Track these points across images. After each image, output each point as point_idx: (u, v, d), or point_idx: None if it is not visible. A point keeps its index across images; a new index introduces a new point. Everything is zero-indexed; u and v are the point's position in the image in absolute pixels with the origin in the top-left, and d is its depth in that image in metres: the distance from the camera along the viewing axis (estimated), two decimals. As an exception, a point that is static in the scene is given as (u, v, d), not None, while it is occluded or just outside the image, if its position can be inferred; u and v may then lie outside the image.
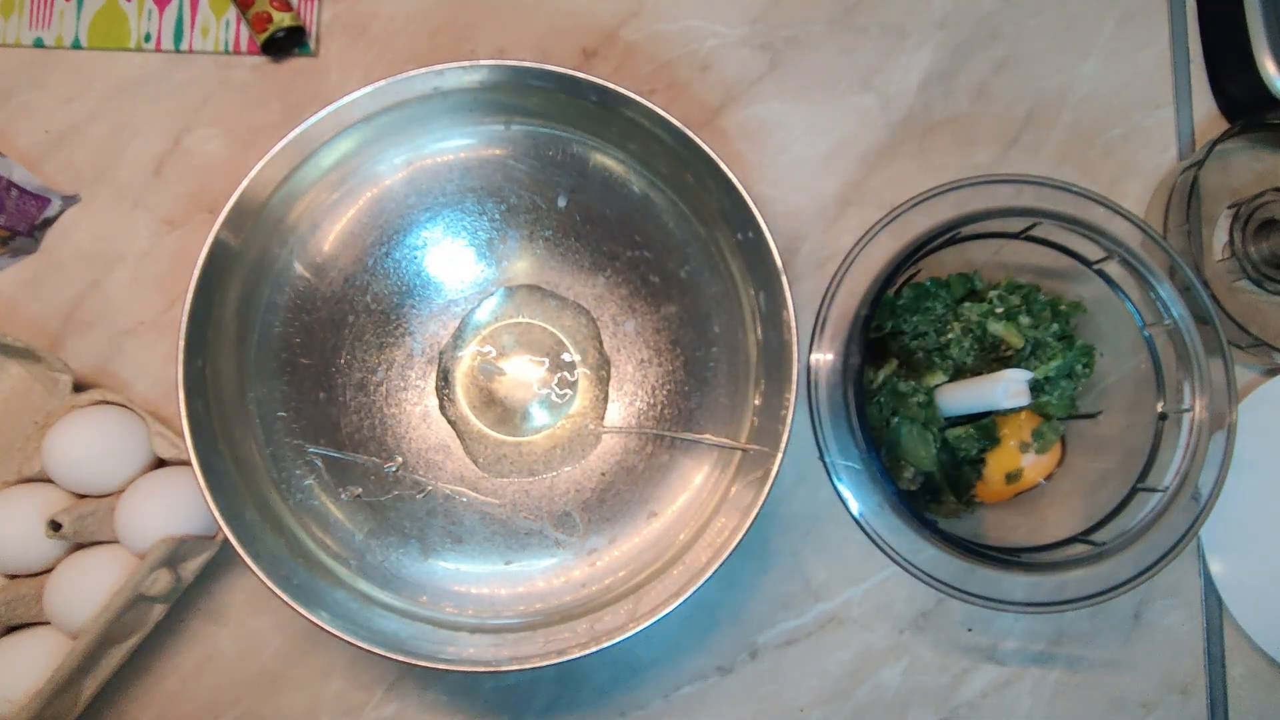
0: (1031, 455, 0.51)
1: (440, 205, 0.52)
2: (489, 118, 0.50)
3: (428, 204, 0.52)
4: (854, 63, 0.58)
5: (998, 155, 0.57)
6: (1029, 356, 0.52)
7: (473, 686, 0.53)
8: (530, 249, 0.53)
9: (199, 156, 0.56)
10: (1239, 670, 0.54)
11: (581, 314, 0.53)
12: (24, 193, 0.54)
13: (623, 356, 0.53)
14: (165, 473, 0.50)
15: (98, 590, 0.47)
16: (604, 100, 0.47)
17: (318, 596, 0.45)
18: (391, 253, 0.52)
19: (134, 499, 0.49)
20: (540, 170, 0.52)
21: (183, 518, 0.48)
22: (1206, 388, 0.47)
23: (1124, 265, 0.48)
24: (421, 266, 0.52)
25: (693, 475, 0.51)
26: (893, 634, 0.54)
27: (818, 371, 0.47)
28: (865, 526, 0.45)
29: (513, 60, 0.46)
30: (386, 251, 0.52)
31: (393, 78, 0.46)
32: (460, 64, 0.46)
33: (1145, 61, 0.59)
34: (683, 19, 0.58)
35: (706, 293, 0.51)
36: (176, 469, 0.51)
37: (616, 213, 0.52)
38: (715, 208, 0.49)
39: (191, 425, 0.44)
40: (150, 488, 0.49)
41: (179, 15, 0.57)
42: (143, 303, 0.55)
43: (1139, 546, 0.45)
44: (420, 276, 0.52)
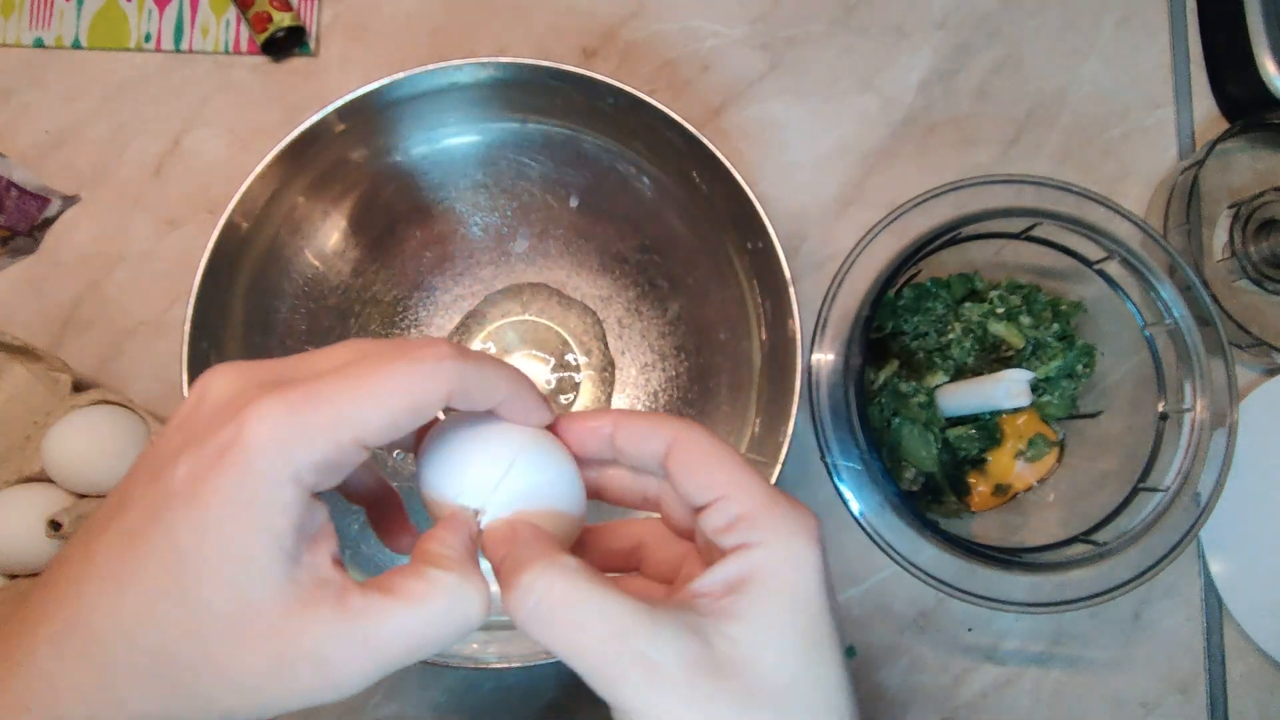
0: (1022, 463, 0.51)
1: (452, 199, 0.52)
2: (504, 115, 0.50)
3: (440, 197, 0.52)
4: (854, 63, 0.58)
5: (998, 155, 0.58)
6: (1030, 356, 0.52)
7: (473, 686, 0.53)
8: (540, 247, 0.53)
9: (199, 156, 0.56)
10: (1239, 670, 0.54)
11: (588, 314, 0.53)
12: (24, 193, 0.54)
13: (627, 359, 0.53)
14: (165, 473, 0.50)
15: (98, 590, 0.47)
16: (620, 103, 0.47)
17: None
18: (400, 246, 0.52)
19: (134, 499, 0.49)
20: (554, 169, 0.52)
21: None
22: (1207, 387, 0.47)
23: (1124, 265, 0.48)
24: (429, 261, 0.52)
25: (693, 475, 0.51)
26: (893, 634, 0.54)
27: (819, 372, 0.47)
28: (866, 526, 0.45)
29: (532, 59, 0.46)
30: (395, 245, 0.52)
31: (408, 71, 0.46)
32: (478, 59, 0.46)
33: (1145, 61, 0.59)
34: (683, 19, 0.58)
35: (713, 299, 0.51)
36: (177, 469, 0.51)
37: (627, 215, 0.52)
38: (725, 215, 0.49)
39: None
40: (150, 488, 0.49)
41: (179, 15, 0.57)
42: (143, 303, 0.55)
43: (1139, 546, 0.45)
44: (428, 271, 0.52)
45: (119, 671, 0.22)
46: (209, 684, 0.22)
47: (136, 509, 0.23)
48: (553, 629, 0.23)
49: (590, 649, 0.22)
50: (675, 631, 0.23)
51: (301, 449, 0.22)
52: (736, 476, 0.26)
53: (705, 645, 0.23)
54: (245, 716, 0.23)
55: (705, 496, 0.26)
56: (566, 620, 0.23)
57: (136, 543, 0.22)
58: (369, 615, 0.23)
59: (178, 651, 0.22)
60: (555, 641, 0.23)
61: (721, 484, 0.26)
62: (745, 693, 0.23)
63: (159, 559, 0.22)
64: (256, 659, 0.22)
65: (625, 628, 0.22)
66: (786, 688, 0.23)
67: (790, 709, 0.23)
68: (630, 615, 0.23)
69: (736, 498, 0.25)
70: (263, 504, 0.22)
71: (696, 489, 0.26)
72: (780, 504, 0.26)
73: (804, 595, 0.24)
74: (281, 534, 0.22)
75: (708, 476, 0.26)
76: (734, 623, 0.23)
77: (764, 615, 0.24)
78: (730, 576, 0.24)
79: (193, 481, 0.22)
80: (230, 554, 0.22)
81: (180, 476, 0.22)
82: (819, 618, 0.24)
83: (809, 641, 0.24)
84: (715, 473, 0.26)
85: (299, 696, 0.22)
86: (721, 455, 0.26)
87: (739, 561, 0.24)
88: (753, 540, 0.25)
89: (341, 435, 0.22)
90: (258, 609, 0.22)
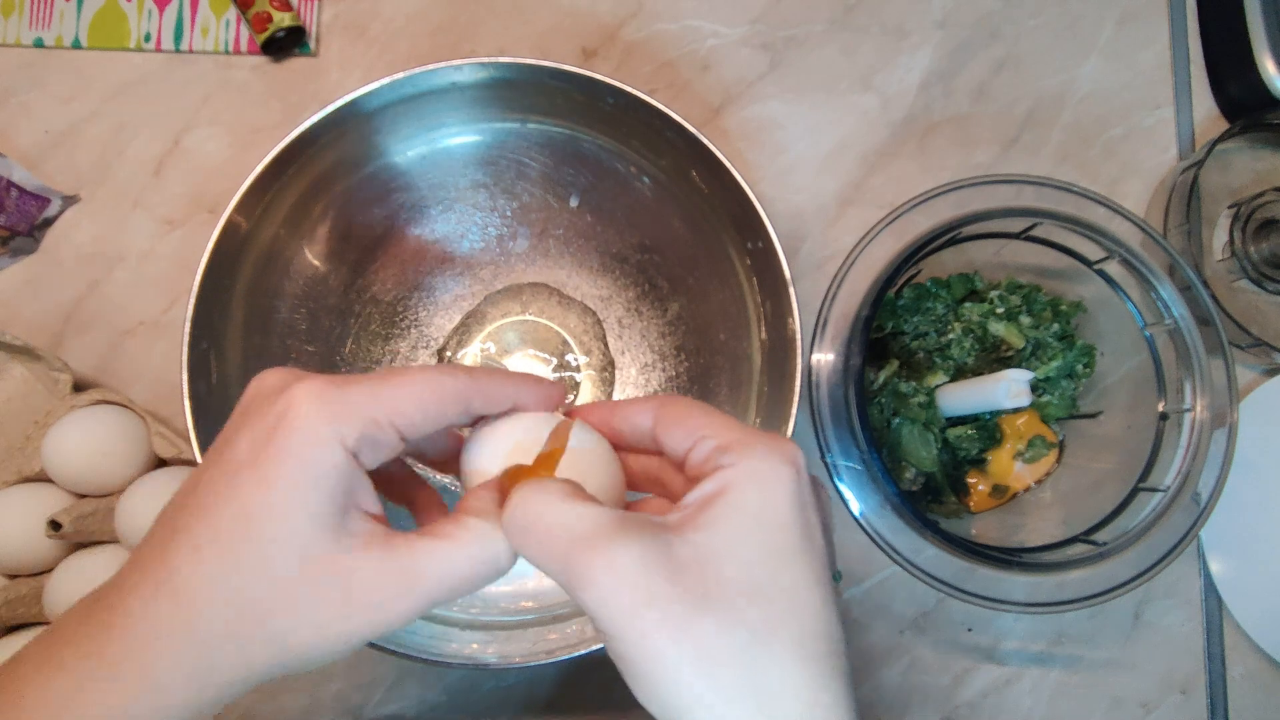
0: (1021, 464, 0.51)
1: (453, 199, 0.52)
2: (504, 115, 0.50)
3: (440, 197, 0.52)
4: (854, 63, 0.58)
5: (998, 155, 0.58)
6: (1030, 356, 0.52)
7: (473, 686, 0.53)
8: (540, 247, 0.53)
9: (199, 156, 0.56)
10: (1239, 670, 0.54)
11: (588, 314, 0.53)
12: (24, 193, 0.54)
13: (627, 359, 0.53)
14: (165, 473, 0.50)
15: (98, 590, 0.47)
16: (620, 103, 0.47)
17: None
18: (402, 244, 0.52)
19: (134, 499, 0.49)
20: (554, 169, 0.52)
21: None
22: (1207, 388, 0.47)
23: (1124, 265, 0.48)
24: (430, 260, 0.52)
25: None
26: (893, 634, 0.54)
27: (819, 372, 0.47)
28: (866, 526, 0.45)
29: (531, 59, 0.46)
30: (397, 243, 0.52)
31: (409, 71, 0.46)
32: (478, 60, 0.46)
33: (1145, 61, 0.59)
34: (683, 19, 0.58)
35: (713, 299, 0.51)
36: (176, 469, 0.51)
37: (627, 215, 0.52)
38: (725, 215, 0.49)
39: (194, 406, 0.44)
40: (150, 488, 0.49)
41: (179, 15, 0.57)
42: (143, 303, 0.55)
43: (1139, 546, 0.45)
44: (428, 271, 0.52)
45: (204, 624, 0.24)
46: (282, 624, 0.25)
47: (207, 484, 0.26)
48: (527, 536, 0.25)
49: (557, 553, 0.24)
50: (639, 537, 0.24)
51: (343, 417, 0.25)
52: (713, 418, 0.28)
53: (665, 550, 0.24)
54: (315, 655, 0.25)
55: (687, 442, 0.27)
56: (540, 527, 0.25)
57: (210, 511, 0.25)
58: (413, 554, 0.26)
59: (253, 596, 0.25)
60: (529, 548, 0.25)
61: (700, 426, 0.27)
62: (701, 594, 0.23)
63: (231, 520, 0.25)
64: (320, 595, 0.25)
65: (589, 532, 0.24)
66: (745, 592, 0.24)
67: (746, 612, 0.23)
68: (596, 521, 0.24)
69: (714, 434, 0.27)
70: (314, 463, 0.25)
71: (679, 439, 0.28)
72: (756, 434, 0.27)
73: (772, 509, 0.25)
74: (333, 488, 0.25)
75: (687, 424, 0.28)
76: (697, 532, 0.25)
77: (727, 525, 0.25)
78: (703, 494, 0.26)
79: (253, 452, 0.25)
80: (291, 506, 0.25)
81: (242, 449, 0.25)
82: (788, 531, 0.25)
83: (774, 553, 0.25)
84: (693, 419, 0.28)
85: (356, 631, 0.25)
86: (698, 406, 0.28)
87: (712, 482, 0.26)
88: (725, 463, 0.26)
89: (377, 412, 0.26)
90: (318, 552, 0.25)
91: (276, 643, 0.25)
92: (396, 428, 0.26)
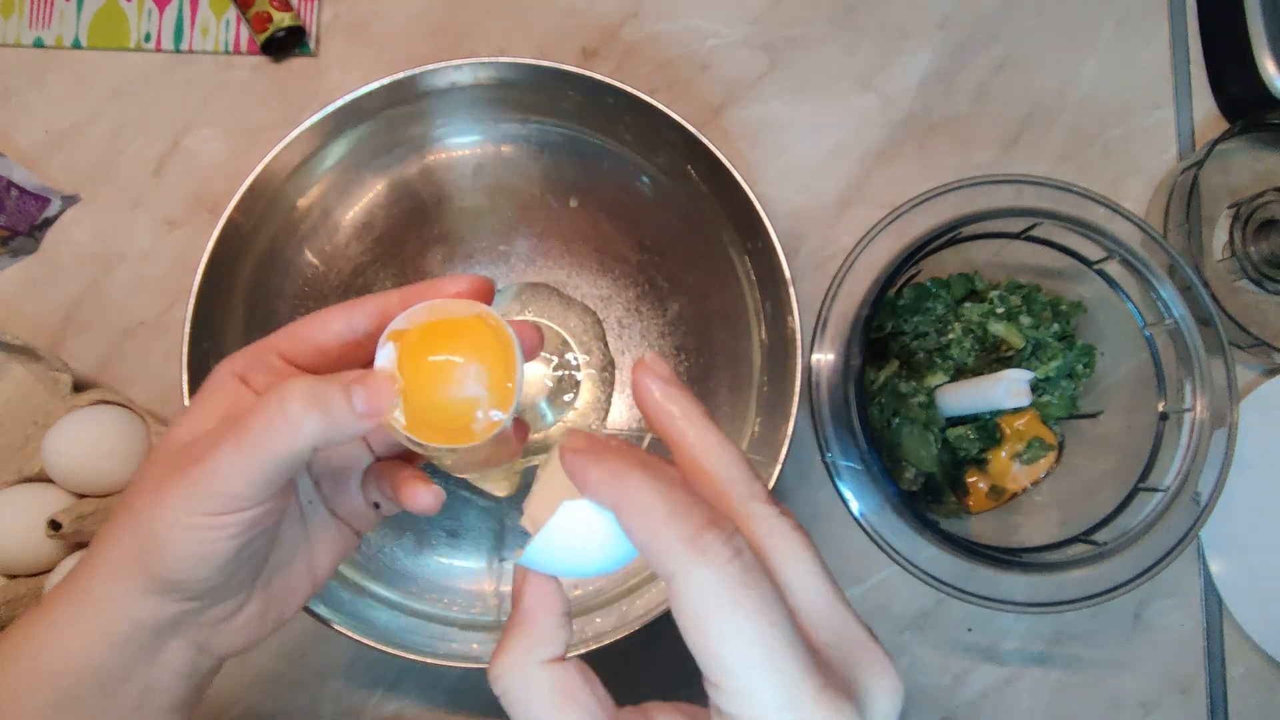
0: (1018, 465, 0.51)
1: (452, 200, 0.52)
2: (504, 115, 0.50)
3: (440, 197, 0.52)
4: (854, 63, 0.58)
5: (998, 155, 0.58)
6: (1030, 356, 0.52)
7: (473, 686, 0.53)
8: (540, 247, 0.53)
9: (199, 156, 0.56)
10: (1239, 670, 0.54)
11: (588, 314, 0.53)
12: (24, 193, 0.54)
13: (627, 359, 0.53)
14: (165, 473, 0.50)
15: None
16: (620, 103, 0.47)
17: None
18: (402, 244, 0.52)
19: (134, 499, 0.49)
20: (554, 169, 0.52)
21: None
22: (1207, 388, 0.47)
23: (1124, 265, 0.48)
24: (430, 260, 0.52)
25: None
26: (893, 634, 0.54)
27: (819, 372, 0.47)
28: (866, 526, 0.45)
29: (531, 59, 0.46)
30: (397, 242, 0.52)
31: (409, 71, 0.46)
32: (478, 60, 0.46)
33: (1145, 61, 0.59)
34: (683, 19, 0.58)
35: (713, 299, 0.51)
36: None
37: (627, 215, 0.52)
38: (725, 215, 0.49)
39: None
40: (150, 488, 0.49)
41: (179, 15, 0.57)
42: (143, 303, 0.55)
43: (1139, 546, 0.45)
44: (428, 270, 0.52)
45: (118, 550, 0.30)
46: (149, 515, 0.29)
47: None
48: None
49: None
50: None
51: (238, 358, 0.32)
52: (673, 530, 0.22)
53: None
54: (185, 541, 0.28)
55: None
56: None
57: (155, 449, 0.32)
58: (241, 420, 0.28)
59: (143, 507, 0.29)
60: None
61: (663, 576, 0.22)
62: None
63: (154, 455, 0.31)
64: (175, 475, 0.28)
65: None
66: None
67: None
68: None
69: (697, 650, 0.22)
70: (206, 391, 0.32)
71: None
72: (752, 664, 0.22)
73: None
74: (215, 404, 0.31)
75: (647, 548, 0.23)
76: None
77: None
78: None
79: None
80: (183, 417, 0.31)
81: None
82: None
83: None
84: (655, 540, 0.22)
85: (197, 495, 0.28)
86: (661, 506, 0.22)
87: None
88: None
89: (261, 349, 0.32)
90: (182, 446, 0.30)
91: (137, 528, 0.29)
92: (279, 351, 0.31)
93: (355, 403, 0.27)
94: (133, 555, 0.29)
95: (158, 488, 0.28)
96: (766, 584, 0.22)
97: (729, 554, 0.22)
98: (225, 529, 0.28)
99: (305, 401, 0.27)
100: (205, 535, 0.28)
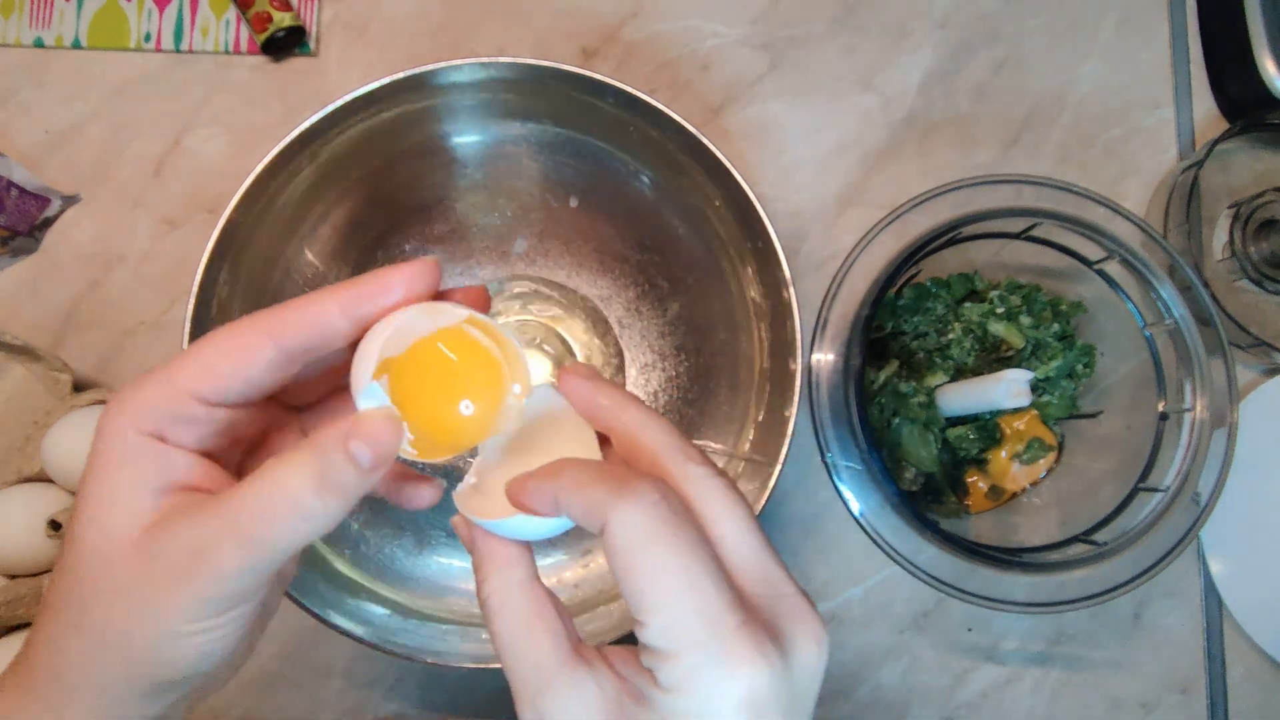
0: (1017, 465, 0.51)
1: (452, 200, 0.52)
2: (504, 115, 0.50)
3: (440, 198, 0.52)
4: (854, 63, 0.58)
5: (998, 155, 0.58)
6: (1030, 356, 0.52)
7: (473, 686, 0.53)
8: (540, 247, 0.53)
9: (199, 156, 0.56)
10: (1239, 670, 0.54)
11: (588, 315, 0.53)
12: (24, 193, 0.54)
13: (627, 359, 0.53)
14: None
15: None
16: (620, 103, 0.47)
17: (309, 586, 0.45)
18: (402, 245, 0.52)
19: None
20: (554, 169, 0.52)
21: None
22: (1207, 387, 0.47)
23: (1124, 265, 0.48)
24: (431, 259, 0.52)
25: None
26: (893, 634, 0.54)
27: (819, 372, 0.47)
28: (866, 526, 0.45)
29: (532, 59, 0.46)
30: (397, 243, 0.52)
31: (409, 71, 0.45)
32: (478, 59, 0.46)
33: (1145, 61, 0.59)
34: (683, 19, 0.58)
35: (713, 300, 0.51)
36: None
37: (627, 215, 0.52)
38: (725, 215, 0.49)
39: None
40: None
41: (179, 15, 0.57)
42: (143, 303, 0.55)
43: (1139, 546, 0.45)
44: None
45: (74, 655, 0.25)
46: (121, 624, 0.24)
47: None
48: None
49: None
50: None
51: (137, 411, 0.25)
52: (591, 489, 0.24)
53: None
54: (171, 644, 0.25)
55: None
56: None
57: (66, 547, 0.26)
58: (227, 501, 0.24)
59: (97, 610, 0.25)
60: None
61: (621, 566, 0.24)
62: None
63: (72, 534, 0.25)
64: (146, 578, 0.24)
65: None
66: None
67: None
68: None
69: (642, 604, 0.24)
70: (117, 461, 0.25)
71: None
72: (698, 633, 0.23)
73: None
74: (142, 477, 0.25)
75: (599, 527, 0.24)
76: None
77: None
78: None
79: (84, 478, 0.26)
80: (102, 499, 0.25)
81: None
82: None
83: None
84: (591, 508, 0.24)
85: (189, 599, 0.24)
86: (591, 483, 0.25)
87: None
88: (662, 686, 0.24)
89: (170, 391, 0.25)
90: (129, 541, 0.24)
91: (124, 646, 0.25)
92: (198, 395, 0.25)
93: (361, 459, 0.24)
94: (121, 672, 0.25)
95: (144, 602, 0.24)
96: (693, 528, 0.24)
97: (656, 497, 0.23)
98: (233, 623, 0.25)
99: (310, 482, 0.23)
100: (213, 635, 0.25)
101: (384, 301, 0.26)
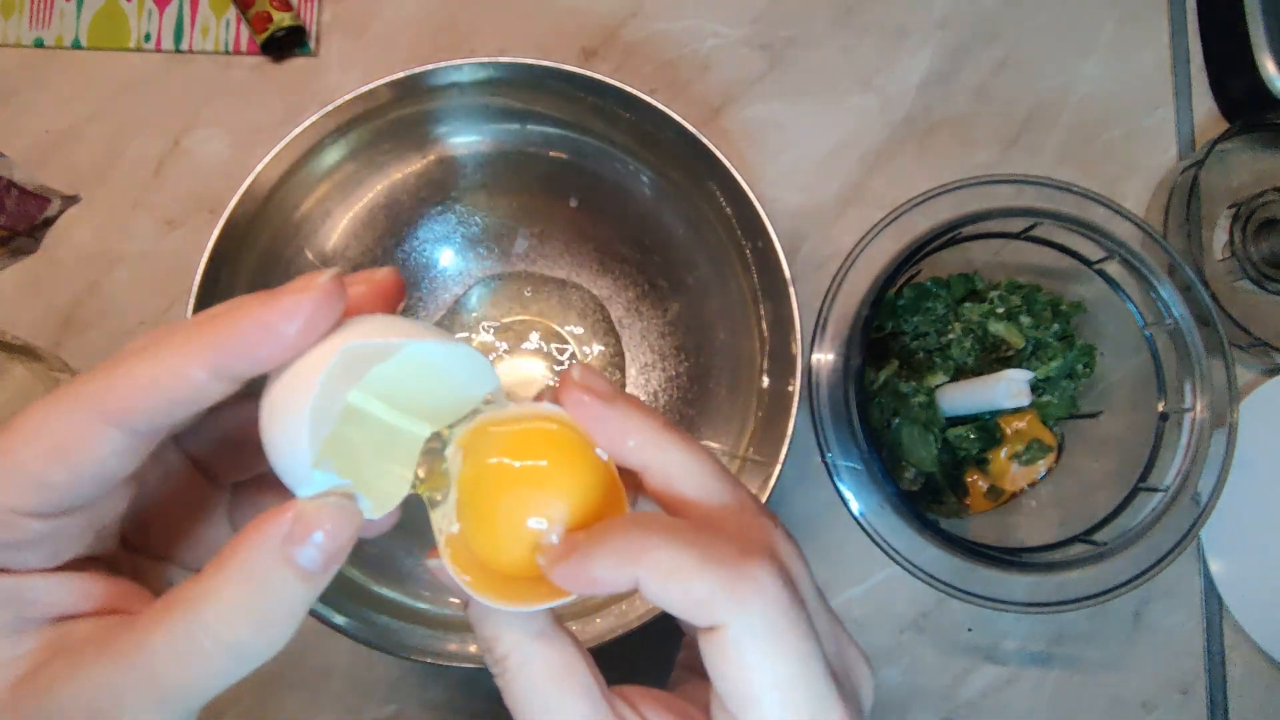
0: (1016, 466, 0.51)
1: (452, 200, 0.52)
2: (504, 115, 0.50)
3: (440, 198, 0.52)
4: (854, 63, 0.58)
5: (998, 155, 0.57)
6: (1030, 356, 0.52)
7: (473, 686, 0.53)
8: (540, 247, 0.53)
9: (199, 156, 0.56)
10: (1239, 670, 0.54)
11: (588, 315, 0.53)
12: (24, 193, 0.54)
13: (627, 359, 0.53)
14: (165, 473, 0.50)
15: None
16: (620, 102, 0.47)
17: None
18: (401, 244, 0.52)
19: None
20: (554, 169, 0.52)
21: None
22: (1207, 387, 0.47)
23: (1124, 265, 0.48)
24: (430, 260, 0.52)
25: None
26: (893, 634, 0.54)
27: (819, 372, 0.47)
28: (866, 526, 0.45)
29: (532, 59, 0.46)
30: (396, 243, 0.52)
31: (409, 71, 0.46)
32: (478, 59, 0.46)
33: (1145, 61, 0.59)
34: (683, 19, 0.58)
35: (713, 299, 0.51)
36: (177, 469, 0.51)
37: (627, 215, 0.52)
38: (725, 215, 0.49)
39: None
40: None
41: (179, 15, 0.57)
42: (143, 303, 0.55)
43: (1139, 546, 0.45)
44: (428, 269, 0.52)
45: None
46: None
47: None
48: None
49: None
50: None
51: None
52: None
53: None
54: None
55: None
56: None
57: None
58: (135, 645, 0.18)
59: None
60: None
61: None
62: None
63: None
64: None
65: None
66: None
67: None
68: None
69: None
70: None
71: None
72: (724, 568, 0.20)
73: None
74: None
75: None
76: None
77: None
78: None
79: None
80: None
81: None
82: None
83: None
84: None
85: None
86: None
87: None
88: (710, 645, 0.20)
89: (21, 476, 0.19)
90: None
91: None
92: (26, 511, 0.18)
93: (307, 563, 0.19)
94: None
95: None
96: (804, 612, 0.20)
97: (779, 587, 0.19)
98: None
99: (242, 617, 0.19)
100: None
101: (265, 354, 0.19)
